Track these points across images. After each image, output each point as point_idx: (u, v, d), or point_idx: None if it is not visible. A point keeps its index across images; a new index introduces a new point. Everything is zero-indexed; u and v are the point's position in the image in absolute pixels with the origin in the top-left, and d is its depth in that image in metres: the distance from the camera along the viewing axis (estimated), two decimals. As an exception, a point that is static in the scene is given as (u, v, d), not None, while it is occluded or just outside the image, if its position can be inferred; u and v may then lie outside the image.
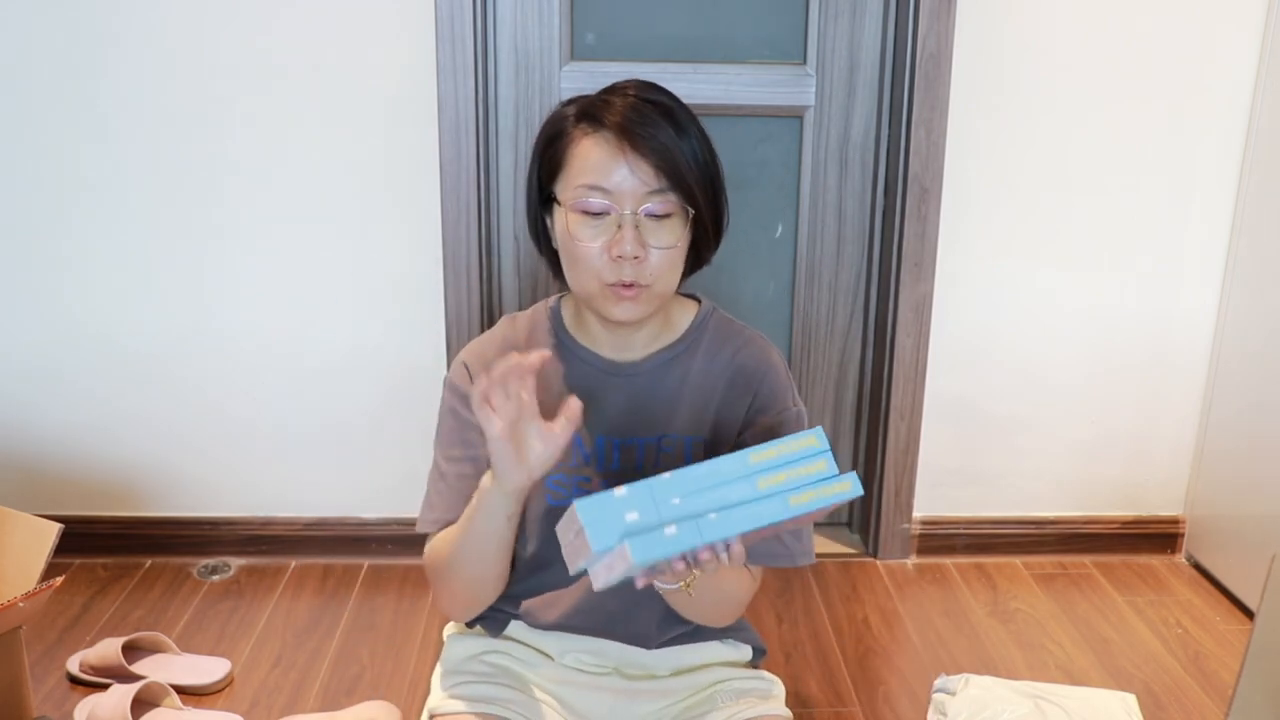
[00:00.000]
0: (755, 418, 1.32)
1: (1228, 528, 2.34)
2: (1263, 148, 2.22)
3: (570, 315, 1.37)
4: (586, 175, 1.21)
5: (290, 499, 2.37)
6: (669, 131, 1.21)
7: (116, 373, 2.28)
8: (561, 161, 1.24)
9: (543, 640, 1.39)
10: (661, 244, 1.22)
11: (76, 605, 2.17)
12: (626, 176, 1.19)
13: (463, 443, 1.32)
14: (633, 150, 1.19)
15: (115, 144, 2.16)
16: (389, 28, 2.12)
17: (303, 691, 1.92)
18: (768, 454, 1.02)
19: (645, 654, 1.38)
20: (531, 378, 1.10)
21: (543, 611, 1.36)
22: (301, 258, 2.24)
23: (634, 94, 1.24)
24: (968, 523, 2.45)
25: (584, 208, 1.21)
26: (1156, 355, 2.39)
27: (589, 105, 1.24)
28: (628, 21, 2.25)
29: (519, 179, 2.30)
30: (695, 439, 1.33)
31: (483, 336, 1.40)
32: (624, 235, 1.20)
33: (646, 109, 1.21)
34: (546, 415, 1.21)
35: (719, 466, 1.01)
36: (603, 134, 1.20)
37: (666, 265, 1.23)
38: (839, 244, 2.39)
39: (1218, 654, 2.09)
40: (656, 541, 0.97)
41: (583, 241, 1.21)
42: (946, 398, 2.37)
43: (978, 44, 2.18)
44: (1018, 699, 1.79)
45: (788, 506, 1.01)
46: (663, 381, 1.33)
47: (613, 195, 1.20)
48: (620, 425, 1.32)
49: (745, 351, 1.35)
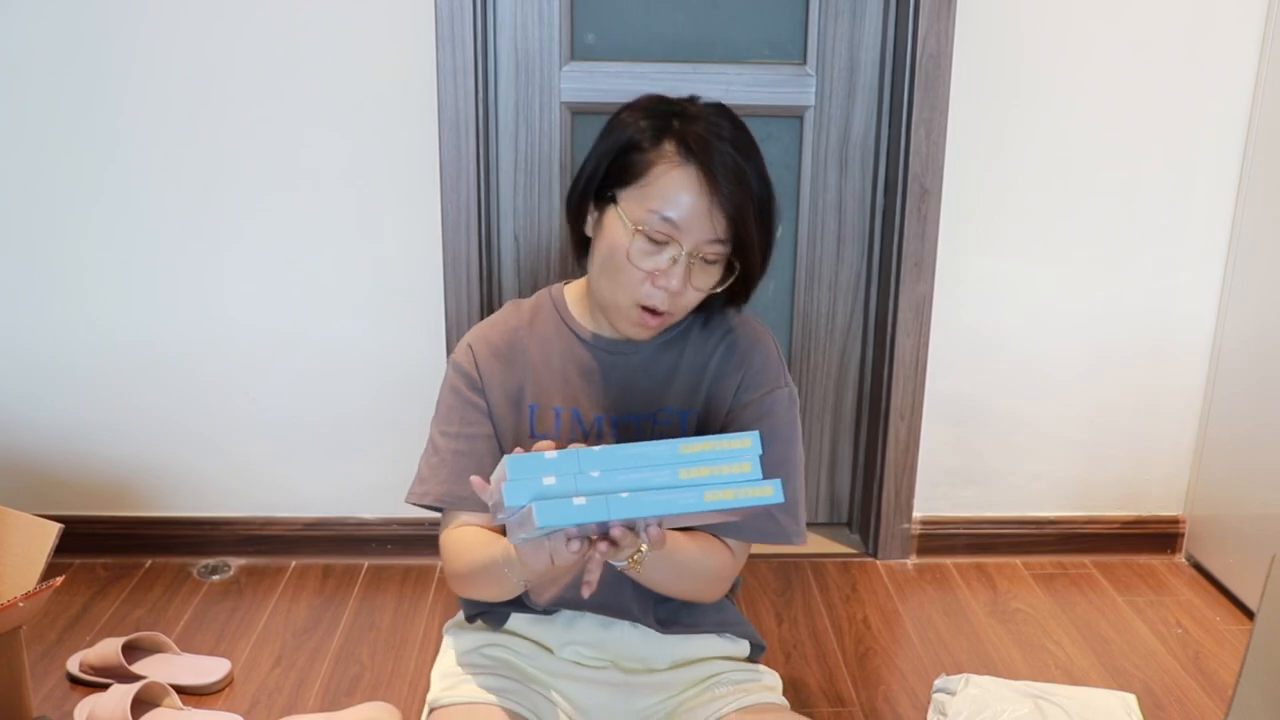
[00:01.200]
0: (743, 396, 1.35)
1: (1228, 528, 2.34)
2: (1263, 148, 2.22)
3: (575, 301, 1.40)
4: (665, 205, 1.22)
5: (290, 499, 2.37)
6: (749, 186, 1.24)
7: (116, 373, 2.28)
8: (639, 176, 1.25)
9: (543, 632, 1.41)
10: (701, 287, 1.27)
11: (76, 605, 2.17)
12: (701, 217, 1.22)
13: (461, 420, 1.35)
14: (713, 195, 1.22)
15: (114, 144, 2.16)
16: (389, 28, 2.12)
17: (303, 691, 1.92)
18: (698, 447, 1.04)
19: (643, 645, 1.40)
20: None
21: (543, 588, 1.38)
22: (301, 258, 2.24)
23: (717, 128, 1.25)
24: (968, 523, 2.45)
25: (651, 234, 1.23)
26: (1156, 355, 2.39)
27: (674, 128, 1.25)
28: (628, 21, 2.25)
29: (519, 179, 2.30)
30: (689, 413, 1.36)
31: (488, 320, 1.43)
32: (676, 271, 1.23)
33: (730, 153, 1.23)
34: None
35: (648, 450, 1.04)
36: (692, 170, 1.22)
37: (694, 302, 1.28)
38: (839, 244, 2.39)
39: (1218, 654, 2.09)
40: (563, 509, 0.99)
41: (634, 263, 1.24)
42: (946, 398, 2.37)
43: (978, 44, 2.18)
44: (1018, 699, 1.79)
45: (701, 500, 1.02)
46: (659, 360, 1.36)
47: (680, 229, 1.23)
48: (618, 403, 1.35)
49: (739, 330, 1.38)
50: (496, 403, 1.36)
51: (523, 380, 1.36)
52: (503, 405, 1.36)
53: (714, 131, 1.25)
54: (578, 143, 2.29)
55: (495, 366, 1.36)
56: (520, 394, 1.36)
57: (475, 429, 1.35)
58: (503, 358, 1.37)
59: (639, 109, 1.29)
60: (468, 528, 1.34)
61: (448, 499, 1.34)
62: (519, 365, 1.37)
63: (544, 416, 1.36)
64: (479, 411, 1.36)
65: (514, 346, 1.38)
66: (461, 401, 1.36)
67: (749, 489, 1.03)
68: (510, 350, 1.38)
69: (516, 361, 1.37)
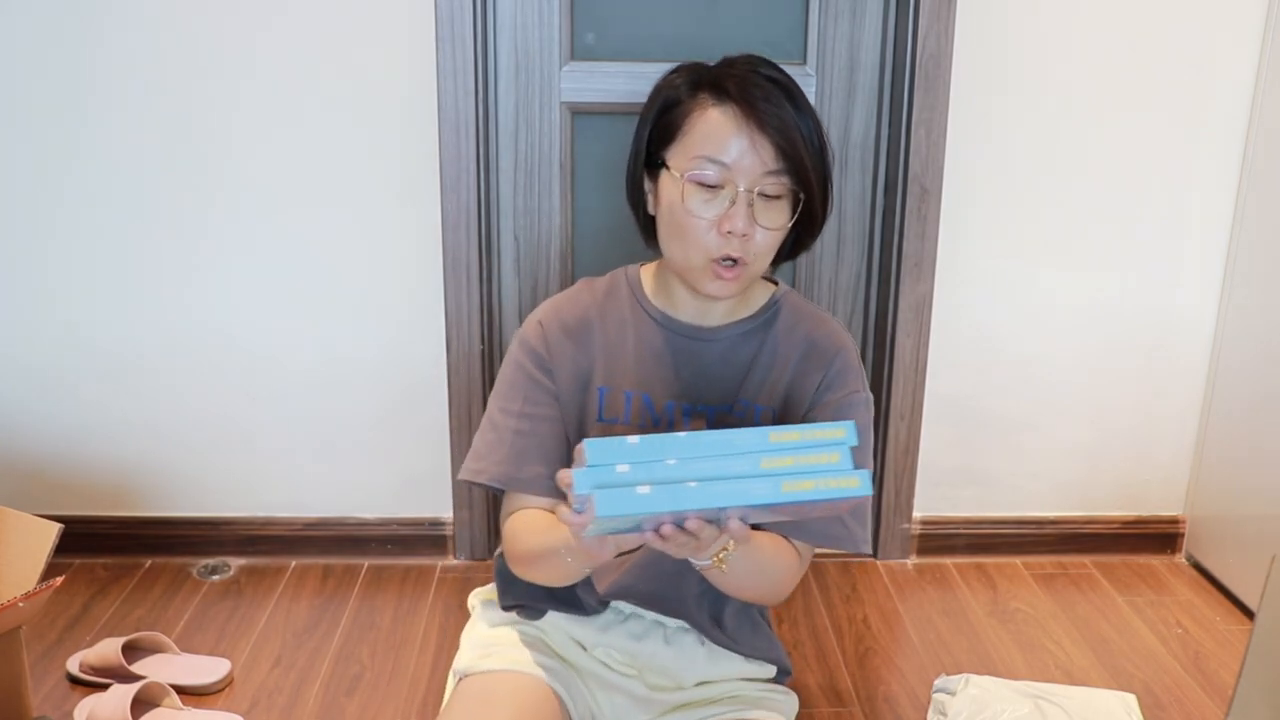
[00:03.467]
0: (823, 396, 1.30)
1: (1228, 528, 2.34)
2: (1263, 148, 2.22)
3: (650, 281, 1.35)
4: (707, 146, 1.19)
5: (290, 499, 2.37)
6: (790, 111, 1.19)
7: (116, 373, 2.28)
8: (679, 128, 1.21)
9: (579, 630, 1.38)
10: (770, 225, 1.21)
11: (76, 605, 2.17)
12: (747, 152, 1.18)
13: (525, 399, 1.30)
14: (756, 128, 1.17)
15: (112, 146, 2.16)
16: (389, 28, 2.12)
17: (303, 691, 1.92)
18: (789, 435, 0.97)
19: (674, 661, 1.37)
20: None
21: (604, 573, 1.34)
22: (301, 258, 2.24)
23: (755, 69, 1.21)
24: (968, 523, 2.45)
25: (700, 179, 1.19)
26: (1156, 355, 2.39)
27: (709, 75, 1.22)
28: (628, 21, 2.25)
29: (519, 179, 2.30)
30: (766, 408, 1.30)
31: (558, 296, 1.37)
32: (737, 211, 1.18)
33: (769, 86, 1.19)
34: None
35: (734, 437, 0.97)
36: (727, 106, 1.18)
37: (769, 245, 1.22)
38: (839, 244, 2.39)
39: (1218, 654, 2.09)
40: (625, 498, 0.93)
41: (694, 213, 1.19)
42: (946, 398, 2.37)
43: (978, 44, 2.18)
44: (1018, 699, 1.79)
45: (778, 491, 0.95)
46: (737, 351, 1.31)
47: (731, 170, 1.18)
48: (691, 390, 1.30)
49: (820, 330, 1.33)
50: (564, 383, 1.31)
51: (593, 361, 1.31)
52: (570, 386, 1.31)
53: (749, 69, 1.21)
54: (578, 143, 2.29)
55: (566, 345, 1.31)
56: (589, 376, 1.31)
57: (540, 409, 1.30)
58: (574, 337, 1.32)
59: (676, 72, 1.26)
60: (530, 511, 1.29)
61: (504, 480, 1.29)
62: (590, 345, 1.32)
63: (613, 400, 1.31)
64: (545, 392, 1.30)
65: (586, 325, 1.32)
66: (527, 379, 1.30)
67: (833, 479, 0.96)
68: (582, 329, 1.32)
69: (588, 341, 1.32)
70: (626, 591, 1.36)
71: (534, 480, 1.27)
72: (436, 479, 2.31)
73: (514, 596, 1.40)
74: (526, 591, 1.37)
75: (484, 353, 2.28)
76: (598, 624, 1.39)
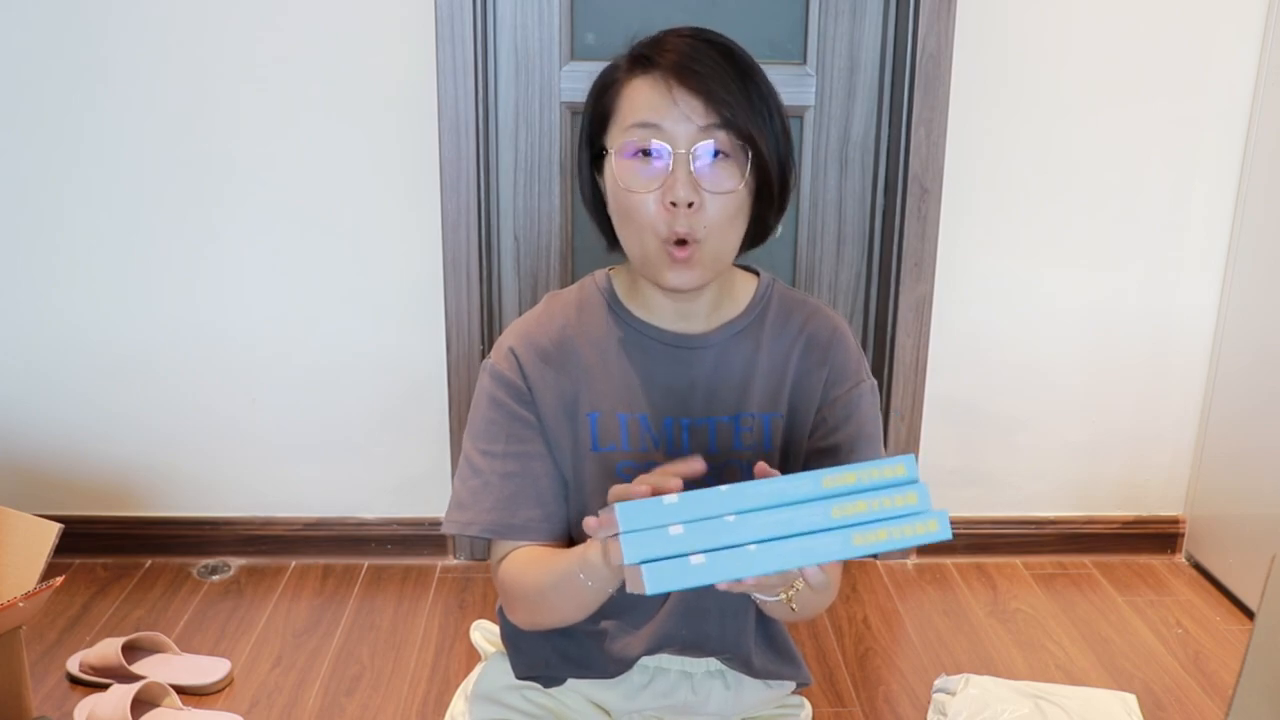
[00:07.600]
0: (831, 392, 1.21)
1: (1228, 528, 2.34)
2: (1263, 148, 2.22)
3: (624, 287, 1.22)
4: (635, 114, 1.09)
5: (290, 499, 2.37)
6: (725, 68, 1.10)
7: (116, 373, 2.28)
8: (611, 108, 1.13)
9: (602, 695, 1.28)
10: (718, 188, 1.08)
11: (76, 605, 2.17)
12: (674, 109, 1.07)
13: (508, 437, 1.17)
14: (681, 85, 1.08)
15: (113, 146, 2.16)
16: (389, 28, 2.12)
17: (303, 691, 1.92)
18: (845, 479, 0.89)
19: (701, 705, 1.28)
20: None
21: (629, 620, 1.23)
22: (301, 258, 2.24)
23: (688, 34, 1.14)
24: (968, 523, 2.45)
25: (633, 148, 1.09)
26: (1156, 355, 2.39)
27: (639, 48, 1.15)
28: (628, 21, 2.25)
29: (519, 179, 2.30)
30: (774, 416, 1.20)
31: (526, 317, 1.23)
32: (676, 177, 1.07)
33: (702, 47, 1.11)
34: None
35: (786, 486, 0.88)
36: (654, 73, 1.10)
37: (724, 217, 1.09)
38: (839, 244, 2.39)
39: (1218, 654, 2.09)
40: (677, 572, 0.85)
41: (634, 191, 1.08)
42: (946, 398, 2.37)
43: (978, 44, 2.18)
44: (1018, 699, 1.79)
45: (849, 545, 0.87)
46: (733, 356, 1.19)
47: (664, 132, 1.07)
48: (689, 404, 1.19)
49: (814, 320, 1.22)
50: (549, 415, 1.17)
51: (577, 386, 1.18)
52: (556, 417, 1.18)
53: (672, 35, 1.14)
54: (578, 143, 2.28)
55: (545, 373, 1.17)
56: (575, 402, 1.18)
57: (527, 446, 1.17)
58: (553, 362, 1.18)
59: (615, 59, 1.19)
60: (526, 547, 1.17)
61: (496, 528, 1.16)
62: (572, 369, 1.18)
63: (607, 425, 1.18)
64: (529, 427, 1.17)
65: (564, 347, 1.18)
66: (506, 416, 1.17)
67: (911, 525, 0.88)
68: (560, 353, 1.18)
69: (568, 365, 1.18)
70: (668, 640, 1.24)
71: (528, 525, 1.16)
72: (436, 479, 2.31)
73: (527, 666, 1.28)
74: (541, 659, 1.27)
75: (484, 353, 2.28)
76: (622, 690, 1.28)
